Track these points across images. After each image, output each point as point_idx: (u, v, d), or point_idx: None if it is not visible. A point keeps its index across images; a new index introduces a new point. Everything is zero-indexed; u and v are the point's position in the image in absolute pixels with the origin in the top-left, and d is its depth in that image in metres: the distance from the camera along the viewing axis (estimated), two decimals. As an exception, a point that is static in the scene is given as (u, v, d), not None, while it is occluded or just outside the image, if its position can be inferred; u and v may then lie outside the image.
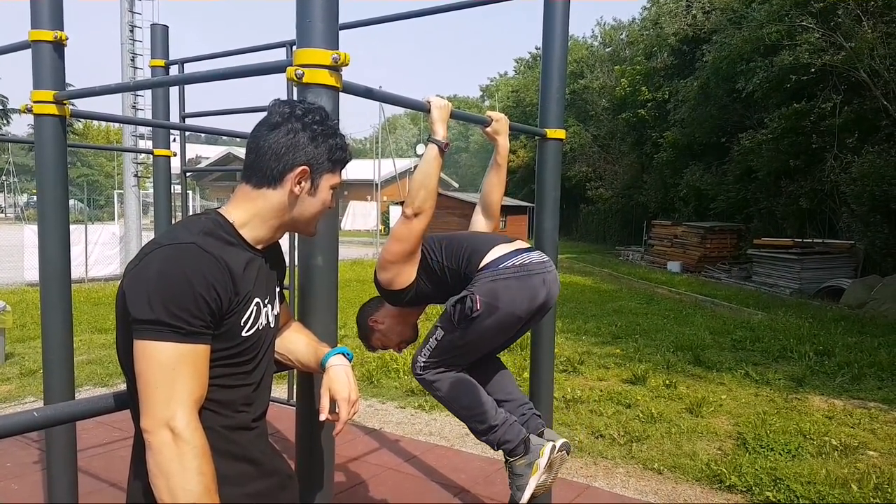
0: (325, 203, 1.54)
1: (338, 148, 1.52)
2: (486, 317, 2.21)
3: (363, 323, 2.62)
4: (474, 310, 2.19)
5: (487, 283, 2.23)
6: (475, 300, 2.19)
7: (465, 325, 2.23)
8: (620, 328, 9.57)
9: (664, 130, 23.16)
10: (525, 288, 2.25)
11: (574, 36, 39.76)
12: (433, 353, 2.33)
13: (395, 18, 3.38)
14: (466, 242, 2.38)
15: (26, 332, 8.44)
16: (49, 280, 2.44)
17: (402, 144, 63.57)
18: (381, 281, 2.34)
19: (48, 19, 2.34)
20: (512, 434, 2.35)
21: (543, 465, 2.31)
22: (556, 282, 2.35)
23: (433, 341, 2.33)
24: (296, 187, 1.46)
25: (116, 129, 38.97)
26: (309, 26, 1.65)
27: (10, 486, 3.81)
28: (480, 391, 2.40)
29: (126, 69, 14.19)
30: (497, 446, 2.37)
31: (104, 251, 15.03)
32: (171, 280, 1.26)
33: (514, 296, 2.23)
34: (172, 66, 4.27)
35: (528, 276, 2.26)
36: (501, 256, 2.29)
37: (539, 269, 2.30)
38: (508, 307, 2.22)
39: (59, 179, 2.42)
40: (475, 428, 2.39)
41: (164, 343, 1.25)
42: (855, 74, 13.73)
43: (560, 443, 2.39)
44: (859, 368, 7.09)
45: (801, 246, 15.24)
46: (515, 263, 2.27)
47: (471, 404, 2.36)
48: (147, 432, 1.25)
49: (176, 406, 1.25)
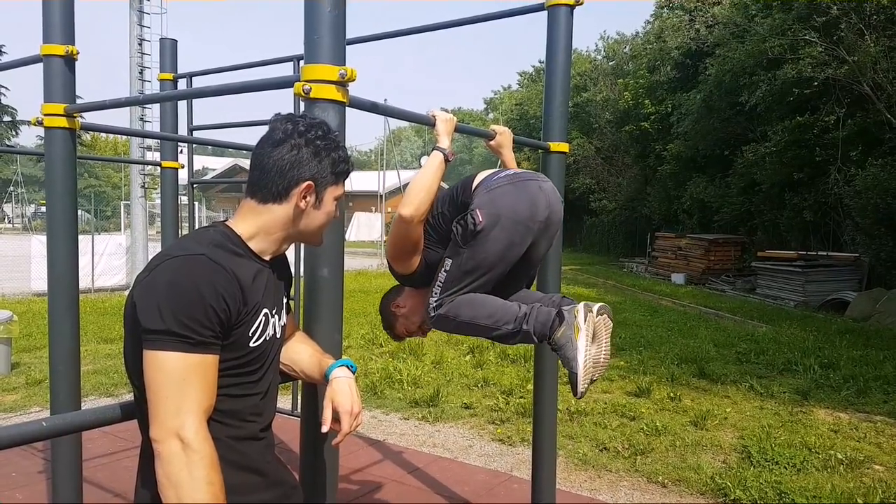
0: (329, 214, 1.57)
1: (341, 161, 1.55)
2: (491, 227, 2.14)
3: (386, 311, 2.60)
4: (477, 222, 2.14)
5: (484, 195, 2.20)
6: (476, 213, 2.15)
7: (473, 243, 2.16)
8: (624, 340, 9.55)
9: (667, 143, 23.18)
10: (523, 193, 2.21)
11: (577, 49, 39.89)
12: (444, 287, 2.24)
13: (401, 34, 3.42)
14: (454, 185, 2.39)
15: (32, 342, 8.47)
16: (57, 290, 2.46)
17: (406, 156, 63.77)
18: (396, 272, 2.41)
19: (60, 34, 2.38)
20: (542, 315, 2.20)
21: (584, 325, 2.15)
22: (554, 193, 2.29)
23: (442, 274, 2.24)
24: (301, 202, 1.49)
25: (124, 141, 39.23)
26: (317, 42, 1.68)
27: (14, 496, 3.82)
28: (496, 298, 2.27)
29: (134, 82, 14.29)
30: (535, 336, 2.21)
31: (110, 262, 15.11)
32: (181, 291, 1.29)
33: (513, 201, 2.18)
34: (181, 79, 4.33)
35: (523, 182, 2.24)
36: (492, 173, 2.30)
37: (532, 177, 2.28)
38: (510, 214, 2.16)
39: (69, 191, 2.45)
40: (505, 332, 2.23)
41: (173, 353, 1.27)
42: (858, 88, 13.75)
43: (597, 306, 2.20)
44: (865, 382, 7.06)
45: (805, 258, 15.20)
46: (508, 174, 2.27)
47: (491, 310, 2.23)
48: (156, 442, 1.27)
49: (185, 416, 1.27)
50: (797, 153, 15.87)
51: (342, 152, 1.56)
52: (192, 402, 1.28)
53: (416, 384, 6.80)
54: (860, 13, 13.28)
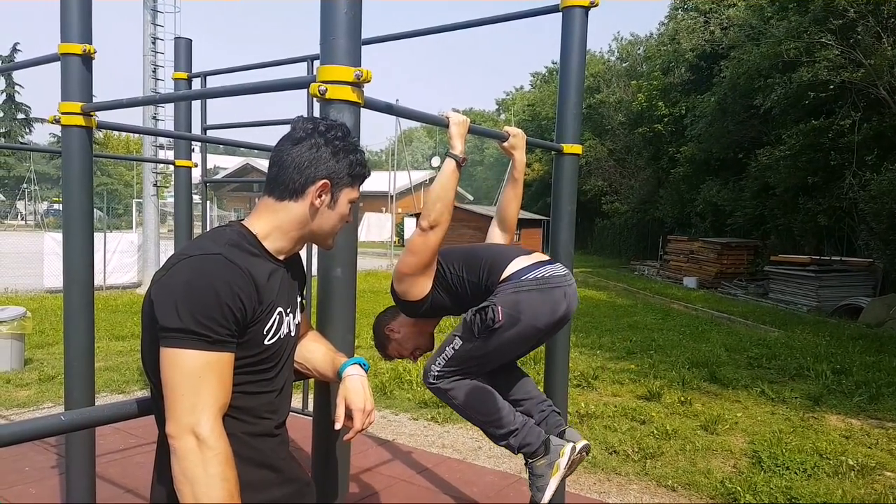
0: (343, 217, 1.58)
1: (357, 164, 1.56)
2: (508, 328, 2.20)
3: (379, 332, 2.64)
4: (496, 321, 2.19)
5: (510, 295, 2.23)
6: (497, 311, 2.19)
7: (486, 336, 2.23)
8: (635, 343, 9.52)
9: (681, 145, 23.08)
10: (547, 300, 2.25)
11: (591, 50, 39.79)
12: (449, 363, 2.32)
13: (415, 35, 3.42)
14: (486, 255, 2.39)
15: (45, 339, 8.55)
16: (72, 287, 2.49)
17: (417, 156, 63.85)
18: (398, 292, 2.36)
19: (77, 33, 2.41)
20: (532, 437, 2.34)
21: (564, 466, 2.30)
22: (575, 295, 2.36)
23: (450, 350, 2.32)
24: (316, 200, 1.50)
25: (136, 140, 39.48)
26: (333, 44, 1.69)
27: (28, 490, 3.86)
28: (497, 396, 2.38)
29: (148, 80, 14.39)
30: (517, 450, 2.36)
31: (122, 259, 15.22)
32: (198, 290, 1.30)
33: (536, 308, 2.23)
34: (195, 78, 4.35)
35: (550, 288, 2.27)
36: (523, 269, 2.30)
37: (560, 282, 2.31)
38: (530, 319, 2.22)
39: (85, 189, 2.48)
40: (494, 434, 2.37)
41: (190, 351, 1.29)
42: (874, 91, 13.64)
43: (581, 444, 2.38)
44: (877, 388, 7.00)
45: (818, 263, 15.09)
46: (537, 276, 2.28)
47: (488, 411, 2.34)
48: (172, 438, 1.28)
49: (201, 413, 1.28)
50: (812, 157, 15.76)
51: (360, 156, 1.58)
52: (207, 399, 1.30)
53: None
54: (877, 16, 13.18)
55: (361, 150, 1.60)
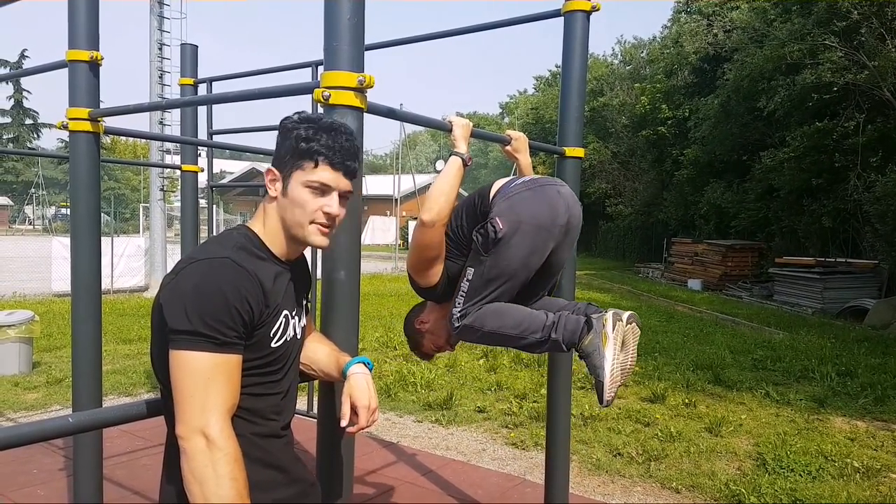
0: (303, 203, 1.45)
1: (301, 140, 1.43)
2: (512, 233, 2.14)
3: (411, 330, 2.58)
4: (498, 230, 2.14)
5: (502, 203, 2.20)
6: (496, 221, 2.15)
7: (494, 251, 2.16)
8: (640, 345, 9.40)
9: (684, 148, 23.06)
10: (542, 198, 2.21)
11: (594, 54, 39.79)
12: (468, 296, 2.22)
13: (418, 40, 3.45)
14: (474, 193, 2.37)
15: (53, 342, 8.60)
16: (80, 291, 2.51)
17: (421, 160, 63.88)
18: (416, 282, 2.35)
19: (85, 40, 2.43)
20: (571, 324, 2.18)
21: (612, 334, 2.15)
22: (573, 197, 2.29)
23: (465, 283, 2.23)
24: (271, 189, 1.49)
25: (143, 144, 39.65)
26: (336, 49, 1.72)
27: (36, 492, 3.89)
28: (520, 306, 2.26)
29: (154, 86, 14.48)
30: (564, 344, 2.19)
31: (129, 263, 15.31)
32: (206, 293, 1.32)
33: (532, 207, 2.18)
34: (201, 84, 4.39)
35: (542, 187, 2.24)
36: (508, 181, 2.31)
37: (550, 182, 2.29)
38: (531, 219, 2.16)
39: (92, 194, 2.50)
40: (533, 340, 2.21)
41: (199, 353, 1.31)
42: (878, 93, 13.61)
43: (627, 315, 2.21)
44: (883, 390, 6.98)
45: (823, 265, 15.05)
46: (525, 181, 2.28)
47: (516, 321, 2.21)
48: (182, 439, 1.31)
49: (210, 414, 1.31)
50: (816, 159, 15.73)
51: (306, 132, 1.44)
52: (216, 400, 1.32)
53: (430, 387, 6.82)
54: (881, 17, 13.16)
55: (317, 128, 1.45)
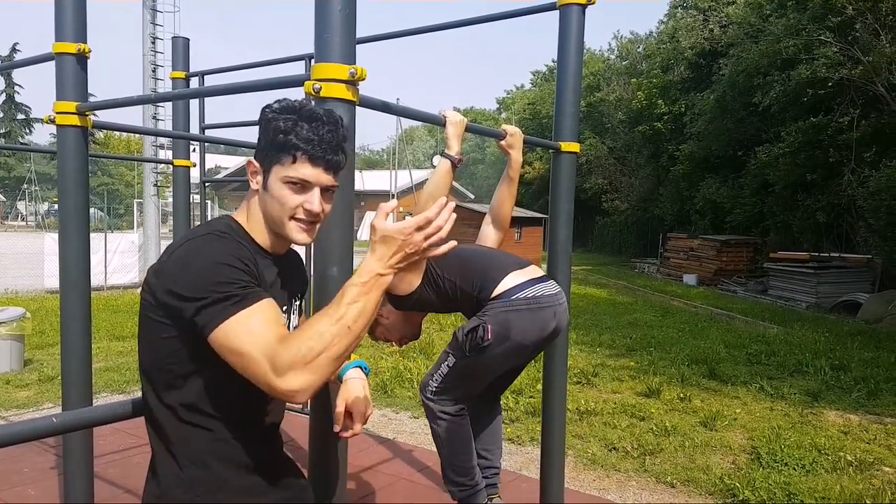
0: (282, 199, 1.38)
1: (279, 132, 1.34)
2: (497, 346, 2.28)
3: None
4: (485, 339, 2.27)
5: (500, 314, 2.30)
6: (486, 329, 2.27)
7: (476, 354, 2.31)
8: (635, 340, 9.52)
9: (680, 143, 23.09)
10: (536, 320, 2.32)
11: (591, 49, 39.75)
12: (444, 380, 2.41)
13: (413, 33, 3.41)
14: (480, 265, 2.42)
15: (45, 339, 8.55)
16: (69, 288, 2.48)
17: (418, 156, 63.79)
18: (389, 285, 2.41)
19: (72, 32, 2.39)
20: (475, 500, 2.53)
21: None
22: (565, 313, 2.44)
23: (444, 367, 2.41)
24: (252, 182, 1.44)
25: (137, 139, 39.46)
26: (327, 41, 1.68)
27: (27, 491, 3.86)
28: (472, 449, 2.53)
29: (147, 80, 14.40)
30: (457, 498, 2.56)
31: (123, 259, 15.22)
32: (196, 265, 1.26)
33: (524, 327, 2.30)
34: (193, 77, 4.35)
35: (541, 308, 2.33)
36: (515, 287, 2.34)
37: (550, 301, 2.37)
38: (518, 337, 2.30)
39: (81, 189, 2.47)
40: (450, 476, 2.53)
41: (232, 318, 1.22)
42: (873, 88, 13.64)
43: None
44: (876, 384, 7.01)
45: (817, 260, 15.11)
46: (528, 295, 2.33)
47: (460, 458, 2.50)
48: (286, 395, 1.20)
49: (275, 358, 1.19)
50: (811, 154, 15.77)
51: (284, 123, 1.34)
52: (268, 345, 1.20)
53: (426, 383, 6.80)
54: (876, 13, 13.17)
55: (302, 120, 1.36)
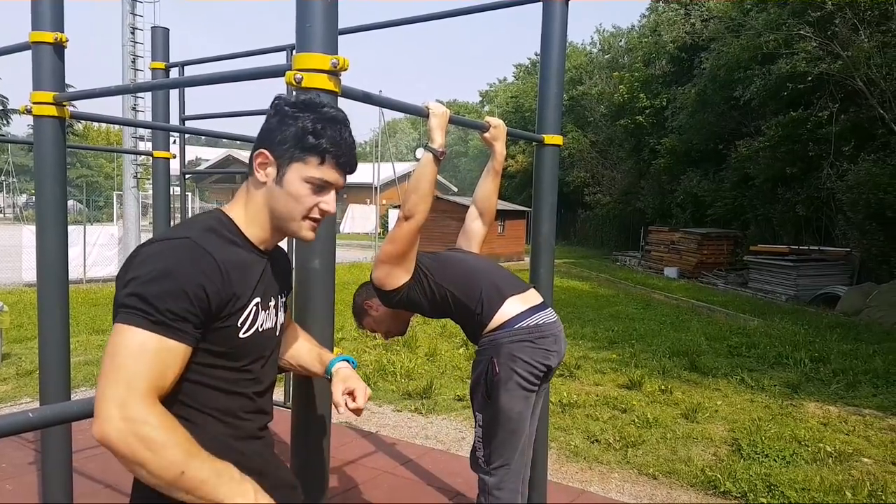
0: (299, 198, 1.39)
1: (309, 132, 1.36)
2: (507, 379, 2.32)
3: (359, 302, 2.71)
4: (494, 374, 2.32)
5: (505, 346, 2.34)
6: (493, 364, 2.32)
7: (495, 395, 2.34)
8: (617, 333, 9.58)
9: (662, 137, 23.23)
10: (539, 348, 2.36)
11: (573, 42, 39.85)
12: (485, 443, 2.41)
13: (396, 24, 3.39)
14: (483, 285, 2.43)
15: (23, 333, 8.43)
16: (46, 280, 2.44)
17: (401, 148, 63.64)
18: (374, 278, 2.42)
19: (49, 21, 2.35)
20: None
21: None
22: (563, 339, 2.49)
23: (479, 429, 2.43)
24: (259, 174, 1.40)
25: (117, 131, 38.99)
26: (308, 31, 1.66)
27: (4, 487, 3.81)
28: None
29: (126, 71, 14.20)
30: None
31: (103, 252, 15.02)
32: (157, 273, 1.22)
33: (529, 356, 2.34)
34: (173, 68, 4.29)
35: (542, 337, 2.38)
36: (517, 315, 2.38)
37: (552, 329, 2.42)
38: (524, 368, 2.33)
39: (58, 181, 2.43)
40: None
41: (135, 328, 1.19)
42: (851, 83, 13.78)
43: None
44: (854, 375, 7.11)
45: (797, 253, 15.27)
46: (530, 324, 2.38)
47: None
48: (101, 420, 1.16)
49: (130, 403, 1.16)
50: (790, 148, 15.93)
51: (312, 124, 1.37)
52: (140, 385, 1.17)
53: (410, 376, 6.80)
54: (854, 8, 13.29)
55: (323, 122, 1.38)
